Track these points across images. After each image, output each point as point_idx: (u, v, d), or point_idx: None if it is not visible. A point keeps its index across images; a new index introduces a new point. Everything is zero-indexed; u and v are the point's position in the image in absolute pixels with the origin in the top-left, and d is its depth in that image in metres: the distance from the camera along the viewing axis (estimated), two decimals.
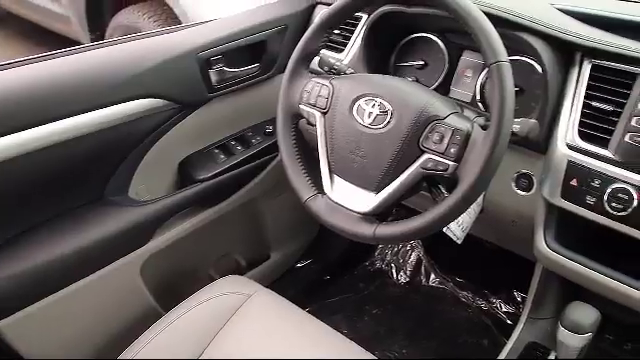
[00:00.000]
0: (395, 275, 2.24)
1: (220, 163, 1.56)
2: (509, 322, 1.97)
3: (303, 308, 1.30)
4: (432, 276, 2.21)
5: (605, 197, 1.10)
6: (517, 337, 1.37)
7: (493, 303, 2.09)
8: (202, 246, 1.66)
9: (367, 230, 1.04)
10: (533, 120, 1.06)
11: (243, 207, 1.70)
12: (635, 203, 1.08)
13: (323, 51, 1.22)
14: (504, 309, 2.06)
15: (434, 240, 1.69)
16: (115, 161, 1.39)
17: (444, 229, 1.23)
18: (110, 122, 1.29)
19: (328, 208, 1.10)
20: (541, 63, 1.19)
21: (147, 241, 1.45)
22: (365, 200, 1.06)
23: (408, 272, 2.24)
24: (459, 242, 1.28)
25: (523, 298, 1.98)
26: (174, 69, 1.39)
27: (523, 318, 1.40)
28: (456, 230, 1.24)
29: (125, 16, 3.08)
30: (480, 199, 1.28)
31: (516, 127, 1.04)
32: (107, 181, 1.40)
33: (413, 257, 2.25)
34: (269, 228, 1.89)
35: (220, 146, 1.60)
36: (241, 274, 1.76)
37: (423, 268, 2.23)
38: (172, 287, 1.55)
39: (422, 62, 1.43)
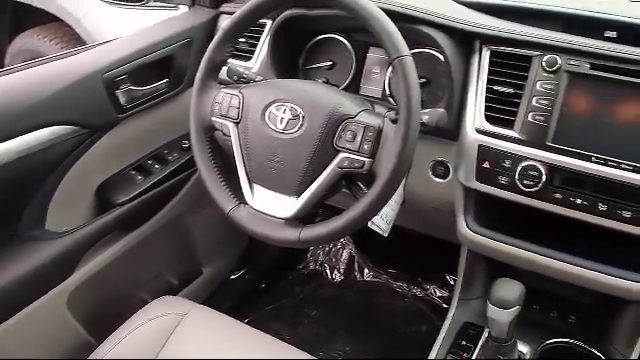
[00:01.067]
0: (330, 275, 2.26)
1: (139, 184, 1.53)
2: (445, 306, 2.02)
3: (241, 320, 1.29)
4: (366, 271, 2.24)
5: (517, 176, 1.15)
6: (451, 319, 1.41)
7: (427, 289, 2.14)
8: (131, 270, 1.62)
9: (292, 235, 1.05)
10: (441, 109, 1.09)
11: (168, 225, 1.68)
12: (544, 179, 1.13)
13: (231, 60, 1.22)
14: (438, 294, 2.12)
15: (363, 236, 1.70)
16: (27, 194, 1.33)
17: (369, 224, 1.25)
18: (17, 153, 1.24)
19: (251, 217, 1.10)
20: (443, 54, 1.23)
21: (71, 273, 1.40)
22: (287, 205, 1.06)
23: (342, 270, 2.26)
24: (385, 235, 1.30)
25: (455, 281, 2.04)
26: (80, 93, 1.35)
27: (455, 301, 1.44)
28: (380, 223, 1.27)
29: (24, 40, 2.95)
30: (400, 190, 1.31)
31: (425, 117, 1.07)
32: (20, 216, 1.34)
33: (345, 255, 2.28)
34: (198, 243, 1.87)
35: (137, 167, 1.56)
36: (174, 294, 1.73)
37: (356, 264, 2.26)
38: (104, 316, 1.51)
39: (330, 62, 1.44)
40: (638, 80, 1.10)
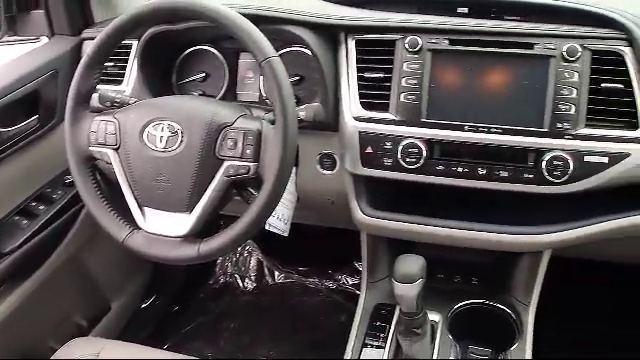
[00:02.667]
0: (241, 284, 2.25)
1: (25, 229, 1.45)
2: (358, 292, 2.06)
3: (161, 346, 1.26)
4: (276, 274, 2.26)
5: (399, 155, 1.20)
6: (363, 304, 1.45)
7: (339, 280, 2.18)
8: (33, 319, 1.54)
9: (191, 251, 1.04)
10: (316, 103, 1.12)
11: (65, 266, 1.61)
12: (425, 154, 1.19)
13: (101, 86, 1.19)
14: (351, 282, 2.16)
15: (268, 239, 1.72)
16: None
17: (266, 226, 1.26)
18: None
19: (146, 241, 1.08)
20: (311, 50, 1.26)
21: None
22: (180, 223, 1.05)
23: (253, 277, 2.26)
24: (285, 234, 1.32)
25: None
26: None
27: (363, 285, 1.48)
28: (278, 224, 1.28)
29: None
30: (293, 188, 1.33)
31: (302, 114, 1.10)
32: None
33: (253, 262, 2.28)
34: (101, 279, 1.81)
35: (20, 211, 1.48)
36: (85, 335, 1.66)
37: (266, 269, 2.27)
38: None
39: (203, 74, 1.44)
40: (493, 49, 1.18)
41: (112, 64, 1.48)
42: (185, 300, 2.18)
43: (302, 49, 1.33)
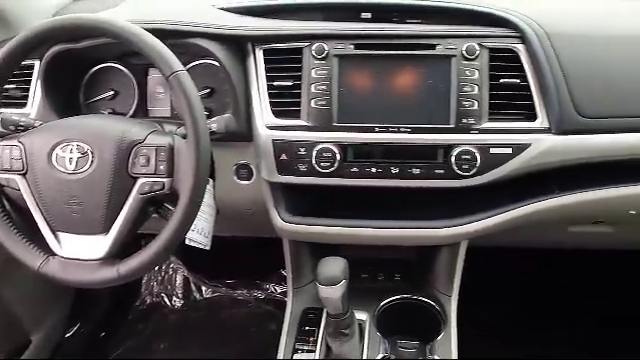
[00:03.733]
0: (169, 302, 2.22)
1: None
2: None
3: None
4: (204, 289, 2.23)
5: (313, 160, 1.22)
6: (291, 310, 1.46)
7: (268, 289, 2.18)
8: None
9: (110, 273, 1.02)
10: (227, 115, 1.12)
11: None
12: (338, 157, 1.22)
13: (2, 110, 1.15)
14: (279, 290, 2.17)
15: (191, 255, 1.70)
16: None
17: (187, 241, 1.25)
18: None
19: (63, 267, 1.04)
20: (219, 61, 1.26)
21: None
22: (97, 245, 1.03)
23: (180, 295, 2.23)
24: (207, 248, 1.31)
25: None
26: None
27: (289, 291, 1.49)
28: (199, 238, 1.27)
29: None
30: (211, 201, 1.33)
31: (214, 126, 1.10)
32: None
33: (179, 279, 2.25)
34: (19, 310, 1.73)
35: None
36: None
37: (193, 285, 2.24)
38: None
39: (112, 92, 1.40)
40: (397, 52, 1.22)
41: (14, 86, 1.42)
42: (112, 325, 2.12)
43: (211, 61, 1.33)
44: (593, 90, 1.22)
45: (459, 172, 1.20)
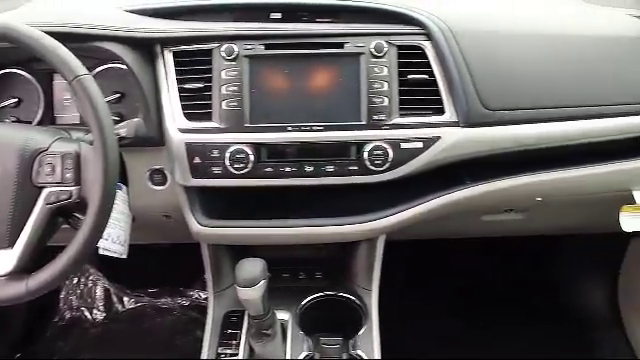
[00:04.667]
0: (90, 316, 2.15)
1: None
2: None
3: None
4: (126, 299, 2.17)
5: (227, 162, 1.21)
6: (212, 315, 1.44)
7: (192, 295, 2.15)
8: None
9: (18, 288, 0.98)
10: (136, 119, 1.10)
11: None
12: (252, 158, 1.21)
13: None
14: (203, 296, 2.13)
15: (111, 265, 1.66)
16: None
17: (101, 251, 1.21)
18: None
19: None
20: (127, 65, 1.23)
21: None
22: (3, 260, 0.99)
23: (101, 307, 2.16)
24: (124, 256, 1.28)
25: None
26: None
27: (210, 295, 1.47)
28: (114, 247, 1.24)
29: None
30: (126, 209, 1.30)
31: (122, 131, 1.07)
32: None
33: (99, 291, 2.18)
34: None
35: None
36: None
37: (114, 296, 2.18)
38: None
39: (15, 100, 1.34)
40: (307, 51, 1.23)
41: None
42: (28, 345, 2.02)
43: (119, 65, 1.29)
44: (497, 84, 1.27)
45: (372, 168, 1.22)
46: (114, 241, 1.24)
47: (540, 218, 1.60)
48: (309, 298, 1.44)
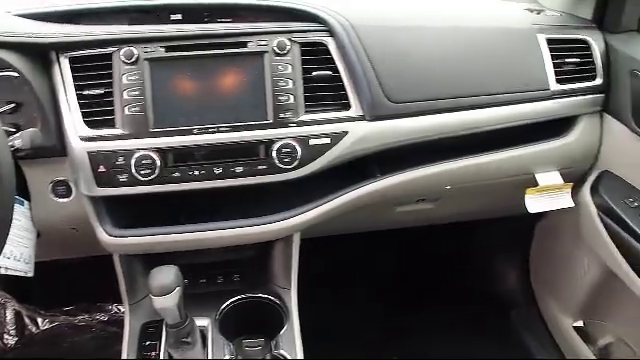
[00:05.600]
0: (1, 342, 2.03)
1: None
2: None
3: None
4: (40, 320, 2.08)
5: (133, 169, 1.18)
6: (129, 327, 1.39)
7: (110, 310, 2.08)
8: None
9: None
10: (32, 129, 1.05)
11: None
12: (159, 163, 1.19)
13: None
14: (122, 310, 2.06)
15: (21, 286, 1.58)
16: None
17: (3, 271, 1.15)
18: None
19: None
20: (19, 72, 1.17)
21: None
22: None
23: (13, 331, 2.06)
24: (30, 274, 1.23)
25: None
26: None
27: (126, 308, 1.43)
28: (17, 265, 1.18)
29: None
30: (29, 225, 1.24)
31: (17, 142, 1.03)
32: None
33: (10, 314, 2.07)
34: None
35: None
36: None
37: (26, 319, 2.07)
38: None
39: None
40: (210, 52, 1.22)
41: None
42: None
43: (10, 74, 1.23)
44: (400, 77, 1.30)
45: (281, 166, 1.22)
46: (17, 259, 1.18)
47: (451, 206, 1.64)
48: (228, 302, 1.42)
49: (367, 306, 2.07)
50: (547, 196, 1.55)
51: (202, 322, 1.35)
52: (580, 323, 1.84)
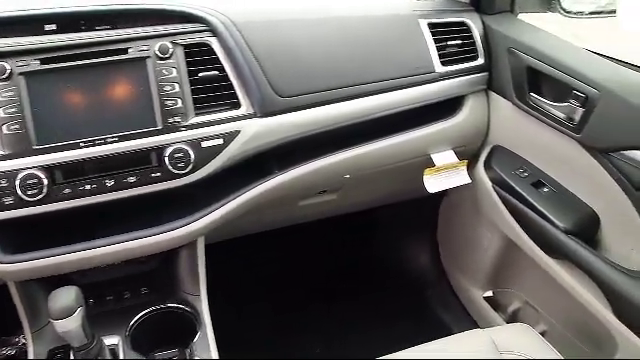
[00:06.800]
0: None
1: None
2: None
3: None
4: None
5: (18, 191, 1.12)
6: (34, 356, 1.33)
7: (17, 342, 1.96)
8: None
9: None
10: None
11: None
12: (46, 182, 1.13)
13: None
14: (22, 341, 1.96)
15: None
16: None
17: None
18: None
19: None
20: None
21: None
22: None
23: None
24: None
25: None
26: None
27: (28, 337, 1.35)
28: None
29: None
30: None
31: None
32: None
33: None
34: None
35: None
36: None
37: None
38: None
39: None
40: (89, 61, 1.17)
41: None
42: None
43: None
44: (287, 71, 1.31)
45: (175, 172, 1.20)
46: None
47: (354, 195, 1.67)
48: (138, 316, 1.37)
49: (282, 304, 2.07)
50: (444, 175, 1.60)
51: (112, 340, 1.31)
52: (489, 293, 1.92)
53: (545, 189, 1.50)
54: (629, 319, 1.28)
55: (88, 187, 1.16)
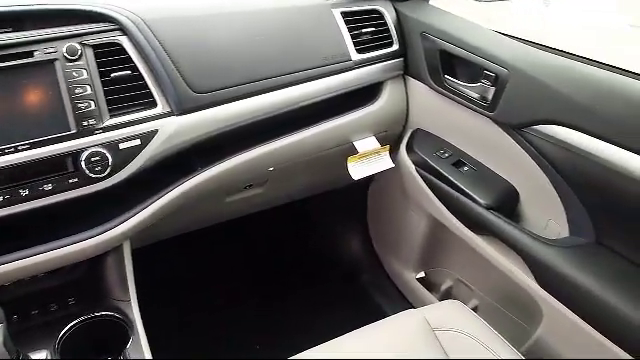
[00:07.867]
0: None
1: None
2: None
3: None
4: None
5: None
6: None
7: None
8: None
9: None
10: None
11: None
12: None
13: None
14: None
15: None
16: None
17: None
18: None
19: None
20: None
21: None
22: None
23: None
24: None
25: None
26: None
27: None
28: None
29: None
30: None
31: None
32: None
33: None
34: None
35: None
36: None
37: None
38: None
39: None
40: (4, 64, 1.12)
41: None
42: None
43: None
44: (202, 67, 1.29)
45: (93, 176, 1.16)
46: None
47: (281, 187, 1.67)
48: (66, 328, 1.33)
49: (217, 303, 2.06)
50: (367, 161, 1.62)
51: (39, 355, 1.26)
52: (422, 274, 1.96)
53: (465, 168, 1.54)
54: (551, 286, 1.33)
55: (0, 198, 1.11)
